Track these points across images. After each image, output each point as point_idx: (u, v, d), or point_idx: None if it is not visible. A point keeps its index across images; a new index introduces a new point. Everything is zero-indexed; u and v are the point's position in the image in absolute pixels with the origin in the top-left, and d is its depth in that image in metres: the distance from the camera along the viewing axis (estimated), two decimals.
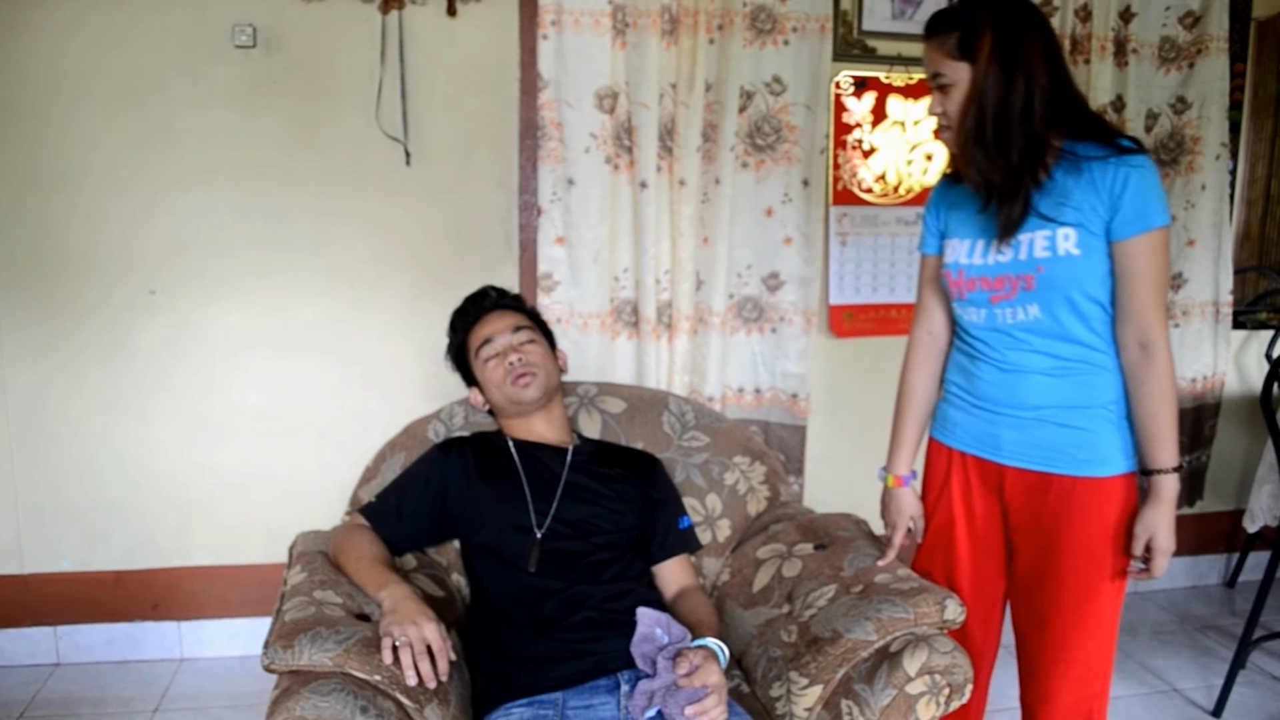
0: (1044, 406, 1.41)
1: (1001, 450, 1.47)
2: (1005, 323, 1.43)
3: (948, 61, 1.37)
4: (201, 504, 2.35)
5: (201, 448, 2.32)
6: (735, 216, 2.41)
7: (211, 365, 2.29)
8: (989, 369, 1.46)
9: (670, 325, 2.39)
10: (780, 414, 2.52)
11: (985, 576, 1.56)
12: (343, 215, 2.28)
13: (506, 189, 2.34)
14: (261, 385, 2.32)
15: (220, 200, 2.23)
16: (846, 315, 2.60)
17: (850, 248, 2.57)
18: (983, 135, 1.35)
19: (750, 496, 1.91)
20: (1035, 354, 1.41)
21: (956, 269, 1.47)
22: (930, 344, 1.60)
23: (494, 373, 1.67)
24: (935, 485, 1.59)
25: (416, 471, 1.71)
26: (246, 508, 2.35)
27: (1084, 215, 1.33)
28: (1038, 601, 1.46)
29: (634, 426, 1.95)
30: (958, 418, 1.54)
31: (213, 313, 2.27)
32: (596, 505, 1.66)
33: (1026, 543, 1.47)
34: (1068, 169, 1.35)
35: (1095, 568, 1.40)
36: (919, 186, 2.59)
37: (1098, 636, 1.43)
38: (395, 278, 2.32)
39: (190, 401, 2.30)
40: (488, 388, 1.68)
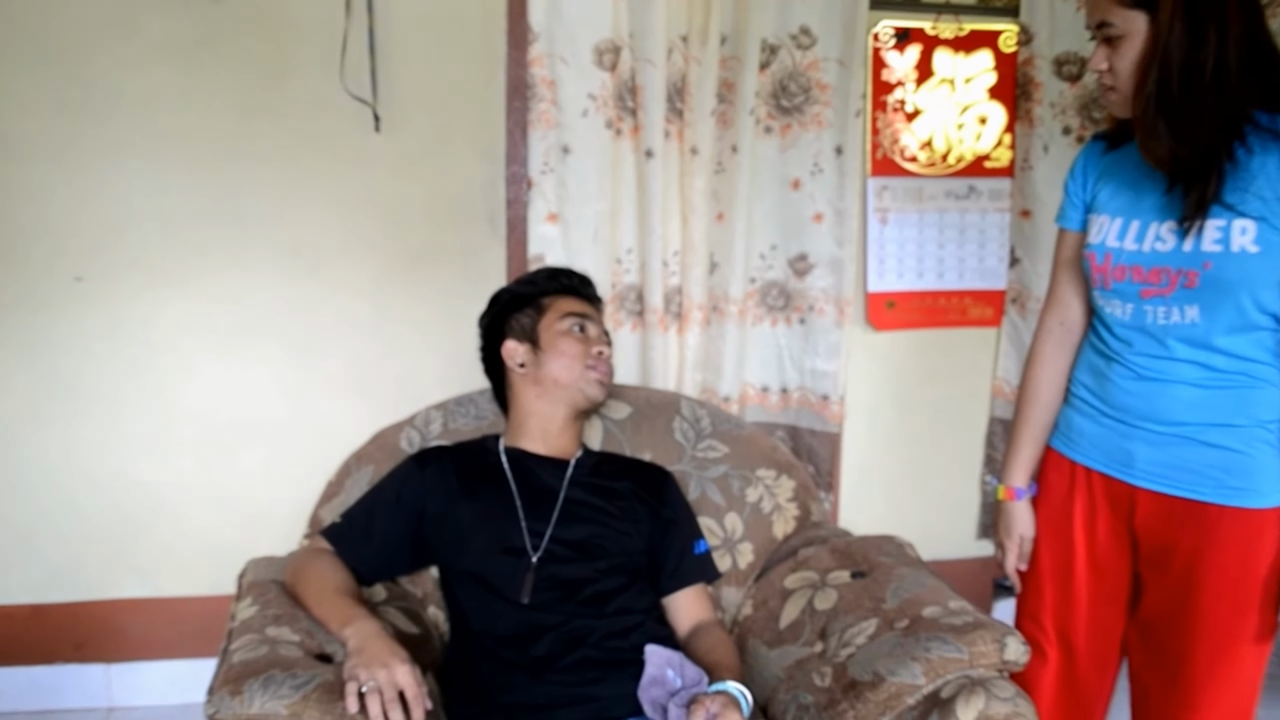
0: (1189, 423, 1.40)
1: (1134, 469, 1.46)
2: (1155, 323, 1.41)
3: (1117, 9, 1.33)
4: (135, 525, 2.34)
5: (136, 460, 2.32)
6: (756, 190, 2.41)
7: (148, 363, 2.29)
8: (1126, 374, 1.46)
9: (680, 315, 2.40)
10: (810, 418, 2.52)
11: (1104, 616, 1.55)
12: (302, 189, 2.28)
13: (491, 159, 2.34)
14: (207, 387, 2.32)
15: (159, 172, 2.23)
16: (887, 304, 2.60)
17: (892, 226, 2.57)
18: (1167, 101, 1.31)
19: (776, 516, 1.91)
20: (1183, 363, 1.40)
21: (1103, 252, 1.46)
22: (1062, 337, 1.59)
23: (574, 346, 1.74)
24: (1053, 503, 1.59)
25: (387, 487, 1.72)
26: (188, 530, 2.35)
27: (1270, 206, 1.29)
28: (1167, 651, 1.45)
29: (640, 435, 1.95)
30: (1084, 427, 1.53)
31: (150, 303, 2.27)
32: (600, 525, 1.67)
33: (1159, 580, 1.47)
34: (1255, 146, 1.31)
35: (1240, 617, 1.39)
36: (971, 155, 2.58)
37: (1234, 700, 1.41)
38: (362, 262, 2.32)
39: (123, 406, 2.30)
40: (553, 355, 1.74)
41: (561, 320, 1.77)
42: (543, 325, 1.78)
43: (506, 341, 1.80)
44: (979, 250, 2.62)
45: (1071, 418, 1.56)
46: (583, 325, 1.78)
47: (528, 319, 1.80)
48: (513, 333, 1.80)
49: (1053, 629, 1.59)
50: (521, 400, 1.79)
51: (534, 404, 1.77)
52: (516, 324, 1.80)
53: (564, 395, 1.74)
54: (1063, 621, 1.57)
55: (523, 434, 1.78)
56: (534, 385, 1.76)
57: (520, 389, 1.79)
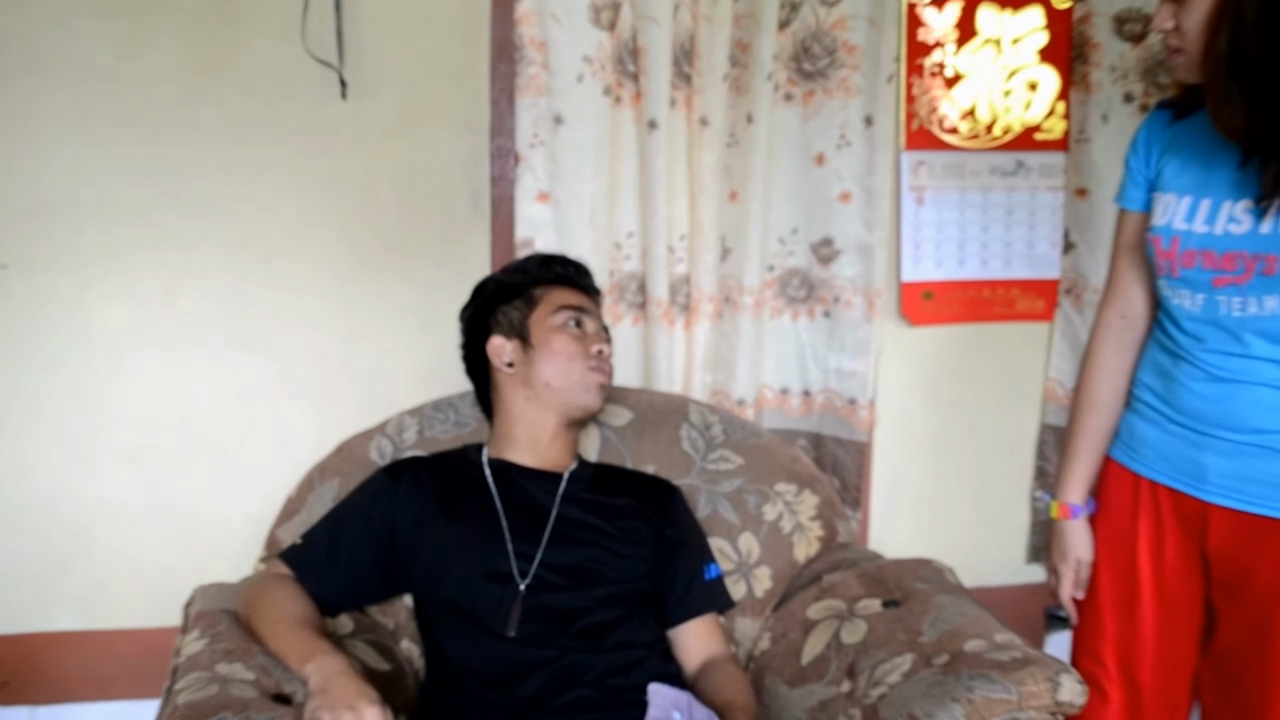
0: (1268, 430, 1.40)
1: (1207, 483, 1.47)
2: (1229, 316, 1.42)
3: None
4: (64, 548, 2.33)
5: (67, 473, 2.32)
6: (774, 165, 2.41)
7: (82, 364, 2.29)
8: (1196, 374, 1.46)
9: (688, 307, 2.40)
10: (835, 425, 2.52)
11: (1173, 651, 1.56)
12: (257, 167, 2.28)
13: (474, 130, 2.34)
14: (147, 390, 2.31)
15: (94, 148, 2.23)
16: (924, 295, 2.61)
17: (929, 206, 2.57)
18: (1241, 63, 1.32)
19: (798, 537, 1.92)
20: (1262, 362, 1.40)
21: (1169, 235, 1.46)
22: (1123, 331, 1.60)
23: (570, 345, 1.77)
24: (1114, 522, 1.60)
25: (355, 504, 1.74)
26: (126, 553, 2.35)
27: None
28: (1244, 692, 1.45)
29: (643, 444, 1.97)
30: (1149, 435, 1.54)
31: (83, 296, 2.26)
32: (597, 547, 1.69)
33: (1235, 610, 1.47)
34: None
35: None
36: (1019, 125, 2.58)
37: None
38: (326, 249, 2.32)
39: (50, 412, 2.29)
40: (545, 354, 1.77)
41: (555, 314, 1.79)
42: (534, 320, 1.79)
43: (492, 338, 1.81)
44: (1028, 234, 2.62)
45: (1134, 425, 1.57)
46: (579, 320, 1.80)
47: (516, 312, 1.82)
48: (499, 328, 1.81)
49: (1114, 666, 1.59)
50: (508, 405, 1.80)
51: (522, 409, 1.78)
52: (504, 318, 1.82)
53: (557, 400, 1.76)
54: (1126, 657, 1.57)
55: (509, 443, 1.79)
56: (523, 388, 1.78)
57: (507, 392, 1.80)
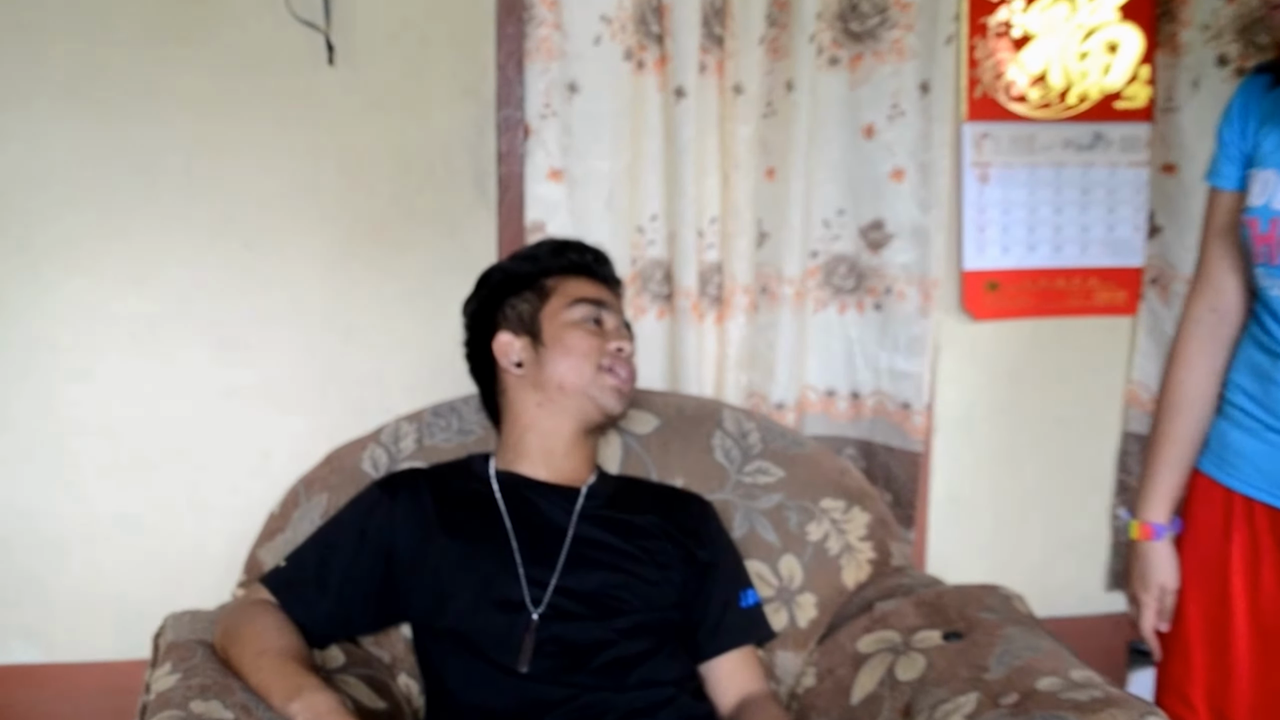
0: None
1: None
2: None
3: None
4: (20, 572, 2.32)
5: (21, 487, 2.30)
6: (818, 138, 2.39)
7: (38, 366, 2.28)
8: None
9: (720, 299, 2.39)
10: (887, 432, 2.51)
11: (1272, 689, 1.54)
12: (233, 143, 2.26)
13: (478, 99, 2.33)
14: (112, 393, 2.30)
15: (53, 122, 2.22)
16: (989, 286, 2.59)
17: (995, 185, 2.56)
18: None
19: (847, 559, 1.92)
20: None
21: (1268, 217, 1.46)
22: (1215, 326, 1.59)
23: (586, 342, 1.76)
24: (1203, 544, 1.59)
25: (346, 522, 1.74)
26: (89, 577, 2.33)
27: None
28: None
29: (670, 454, 1.97)
30: (1244, 445, 1.54)
31: (40, 290, 2.26)
32: (619, 571, 1.68)
33: None
34: None
35: None
36: (1097, 92, 2.56)
37: None
38: (312, 235, 2.31)
39: (6, 420, 2.29)
40: (559, 352, 1.77)
41: (570, 308, 1.79)
42: (546, 314, 1.80)
43: (499, 334, 1.81)
44: (1108, 216, 2.61)
45: (1227, 433, 1.56)
46: (597, 314, 1.80)
47: (526, 305, 1.82)
48: (507, 323, 1.82)
49: (1204, 706, 1.59)
50: (518, 410, 1.80)
51: (534, 415, 1.78)
52: (512, 311, 1.82)
53: (572, 405, 1.76)
54: (1217, 697, 1.56)
55: (520, 454, 1.79)
56: (534, 391, 1.78)
57: (516, 395, 1.80)
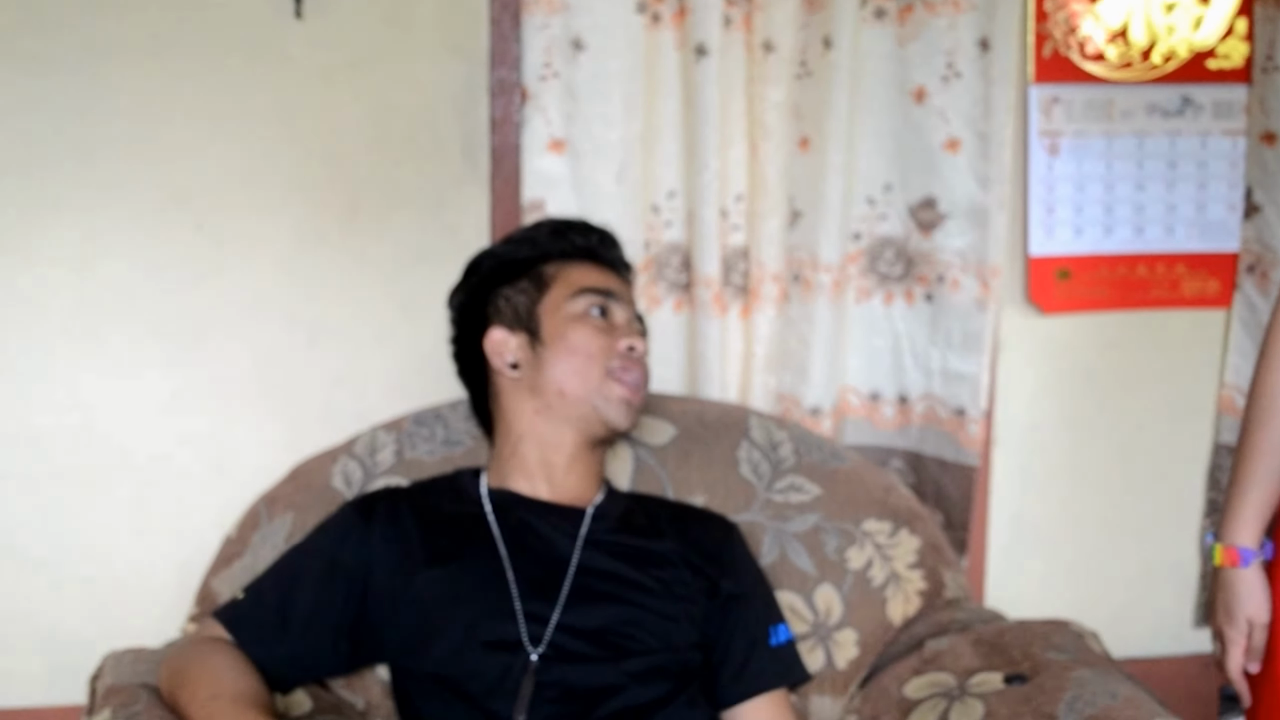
0: None
1: None
2: None
3: None
4: None
5: None
6: (860, 103, 2.39)
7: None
8: None
9: (747, 289, 2.39)
10: (938, 442, 2.51)
11: None
12: (187, 107, 2.26)
13: (467, 58, 2.34)
14: (46, 396, 2.30)
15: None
16: (1059, 274, 2.59)
17: (1066, 156, 2.55)
18: None
19: (893, 590, 1.93)
20: None
21: None
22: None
23: (591, 340, 1.77)
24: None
25: (315, 548, 1.75)
26: (17, 608, 2.32)
27: None
28: None
29: (689, 468, 1.98)
30: None
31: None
32: (631, 605, 1.69)
33: None
34: None
35: None
36: (1186, 49, 2.55)
37: None
38: (276, 213, 2.31)
39: None
40: (560, 352, 1.78)
41: (574, 299, 1.80)
42: (545, 306, 1.80)
43: (491, 330, 1.82)
44: (1198, 193, 2.61)
45: None
46: (604, 307, 1.80)
47: (523, 297, 1.82)
48: (500, 317, 1.82)
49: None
50: (512, 418, 1.81)
51: (530, 424, 1.79)
52: (506, 304, 1.83)
53: (574, 412, 1.77)
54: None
55: (515, 468, 1.80)
56: (531, 396, 1.79)
57: (511, 401, 1.81)
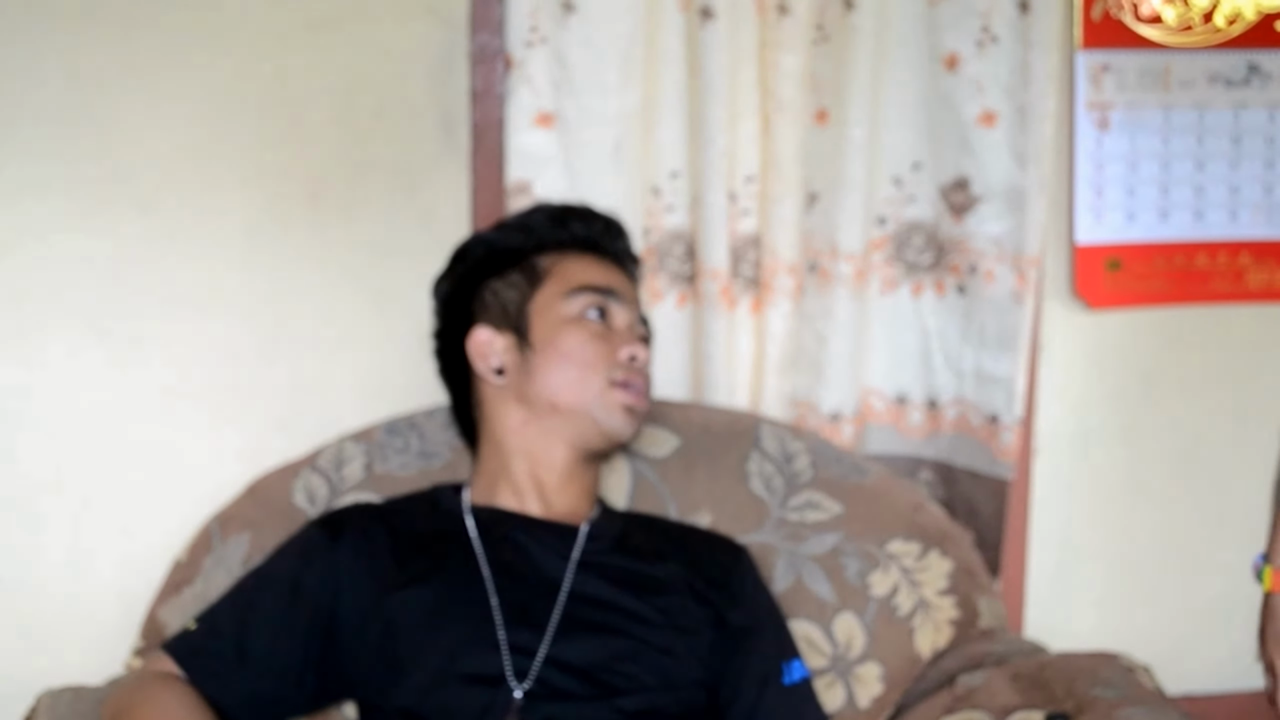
0: None
1: None
2: None
3: None
4: None
5: None
6: (885, 72, 2.40)
7: None
8: None
9: (758, 281, 2.40)
10: (972, 452, 2.50)
11: None
12: (127, 72, 2.27)
13: (444, 21, 2.34)
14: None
15: None
16: (1109, 264, 2.59)
17: (1118, 132, 2.57)
18: None
19: (922, 619, 1.96)
20: None
21: None
22: None
23: (587, 347, 1.79)
24: None
25: (275, 572, 1.77)
26: None
27: None
28: None
29: (694, 484, 2.01)
30: None
31: None
32: (627, 637, 1.72)
33: None
34: None
35: None
36: (1253, 10, 2.56)
37: None
38: (230, 197, 2.31)
39: None
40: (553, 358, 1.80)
41: (569, 298, 1.81)
42: (537, 305, 1.82)
43: (476, 328, 1.84)
44: (1265, 174, 2.62)
45: None
46: (604, 308, 1.81)
47: (514, 292, 1.84)
48: (487, 314, 1.84)
49: None
50: (498, 429, 1.83)
51: (519, 436, 1.81)
52: (494, 299, 1.84)
53: (567, 426, 1.79)
54: None
55: (501, 483, 1.82)
56: (518, 405, 1.81)
57: (496, 410, 1.83)
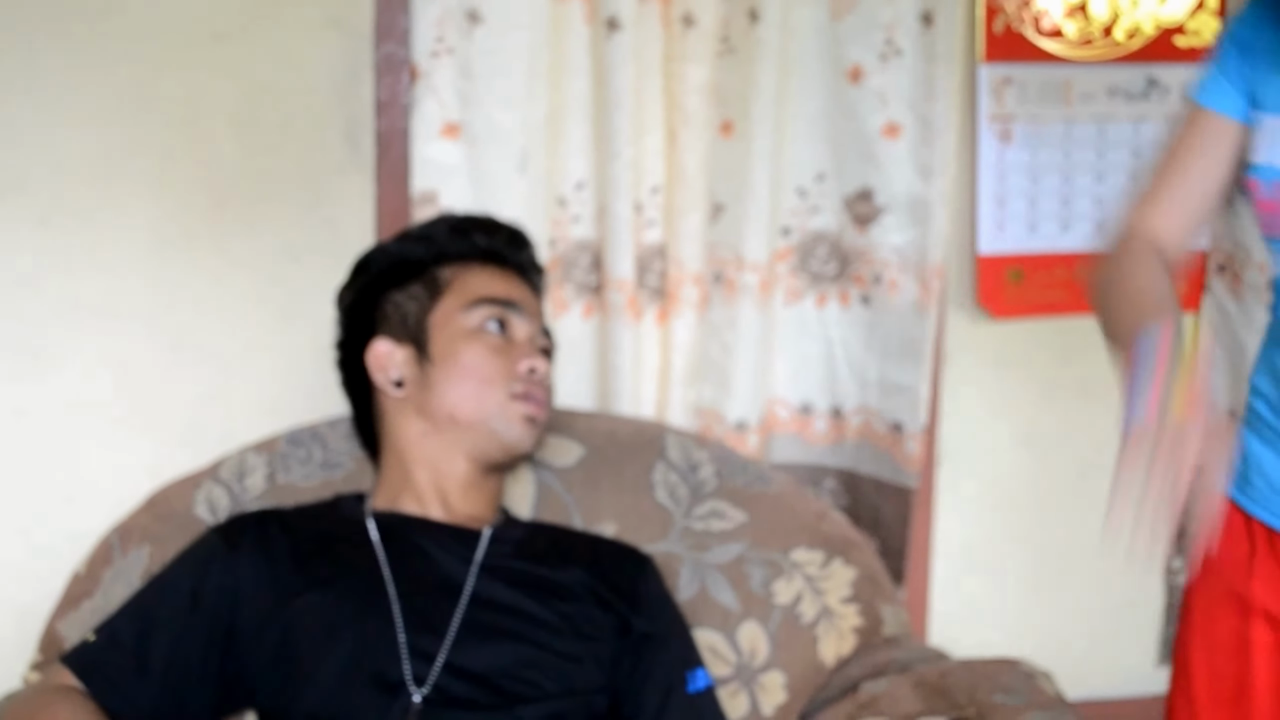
0: None
1: None
2: None
3: None
4: None
5: None
6: (790, 84, 2.42)
7: None
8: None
9: (664, 291, 2.42)
10: (875, 461, 2.54)
11: None
12: (26, 80, 2.26)
13: (349, 31, 2.34)
14: None
15: None
16: (1011, 275, 2.62)
17: (1019, 144, 2.59)
18: None
19: (825, 628, 1.96)
20: None
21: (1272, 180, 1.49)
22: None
23: (485, 361, 1.78)
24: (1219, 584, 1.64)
25: (174, 581, 1.75)
26: None
27: None
28: None
29: (599, 493, 2.01)
30: (1266, 461, 1.59)
31: None
32: (529, 643, 1.72)
33: None
34: None
35: None
36: (1152, 26, 2.58)
37: None
38: (131, 207, 2.31)
39: None
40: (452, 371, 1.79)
41: (469, 310, 1.80)
42: (436, 317, 1.81)
43: (376, 340, 1.83)
44: None
45: (1249, 445, 1.61)
46: (504, 320, 1.80)
47: (414, 304, 1.83)
48: (388, 325, 1.83)
49: None
50: (399, 441, 1.82)
51: (419, 448, 1.80)
52: (395, 310, 1.84)
53: (467, 439, 1.78)
54: None
55: (403, 491, 1.81)
56: (418, 417, 1.80)
57: (396, 422, 1.82)
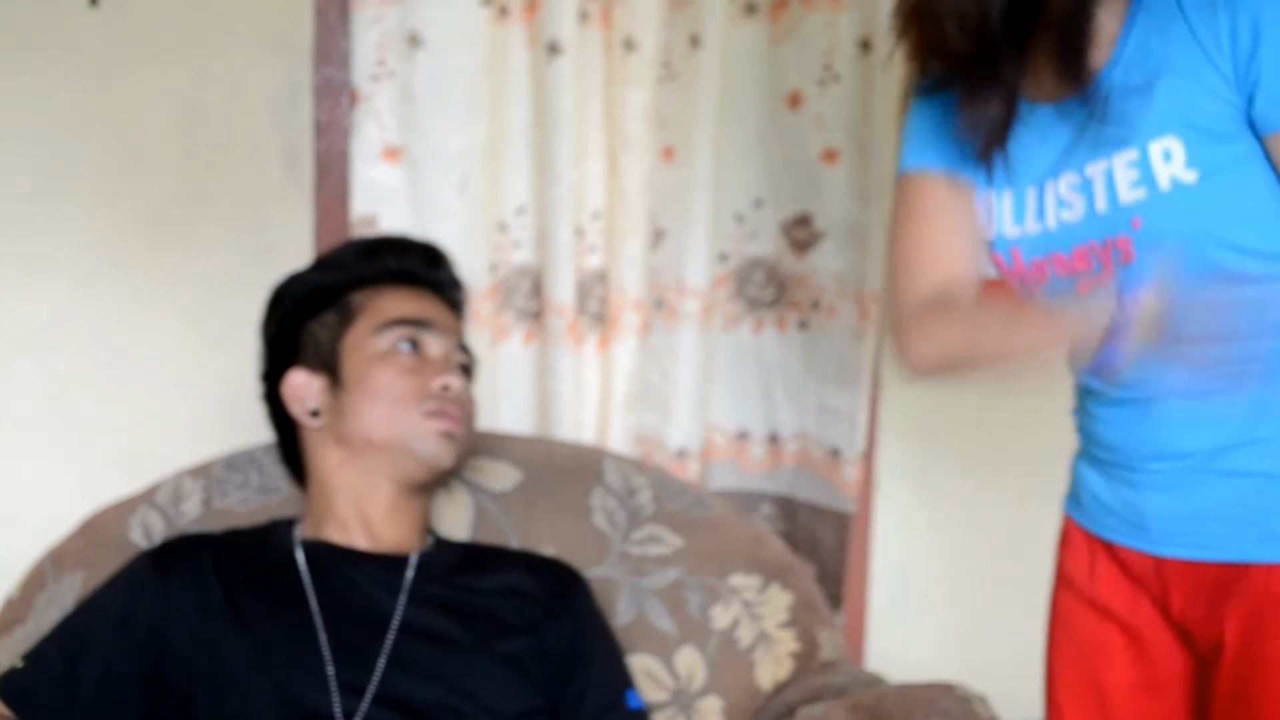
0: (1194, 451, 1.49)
1: (1149, 530, 1.55)
2: None
3: None
4: None
5: None
6: (730, 109, 2.43)
7: None
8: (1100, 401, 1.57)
9: (604, 317, 2.42)
10: (812, 486, 2.54)
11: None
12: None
13: (289, 53, 2.35)
14: None
15: None
16: None
17: None
18: None
19: (763, 652, 1.95)
20: None
21: (1007, 248, 1.56)
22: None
23: (396, 382, 1.76)
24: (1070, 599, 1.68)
25: (104, 606, 1.74)
26: None
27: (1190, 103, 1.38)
28: None
29: (536, 516, 2.00)
30: (1089, 479, 1.64)
31: None
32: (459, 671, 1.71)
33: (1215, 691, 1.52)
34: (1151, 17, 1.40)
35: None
36: None
37: None
38: (68, 229, 2.32)
39: None
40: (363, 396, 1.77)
41: (380, 333, 1.79)
42: (348, 343, 1.80)
43: (292, 372, 1.82)
44: None
45: (1080, 470, 1.68)
46: (415, 339, 1.79)
47: (326, 332, 1.82)
48: (304, 355, 1.82)
49: None
50: (321, 470, 1.82)
51: (341, 476, 1.80)
52: (310, 340, 1.83)
53: (387, 461, 1.77)
54: None
55: (327, 520, 1.80)
56: (336, 446, 1.79)
57: (316, 451, 1.82)
